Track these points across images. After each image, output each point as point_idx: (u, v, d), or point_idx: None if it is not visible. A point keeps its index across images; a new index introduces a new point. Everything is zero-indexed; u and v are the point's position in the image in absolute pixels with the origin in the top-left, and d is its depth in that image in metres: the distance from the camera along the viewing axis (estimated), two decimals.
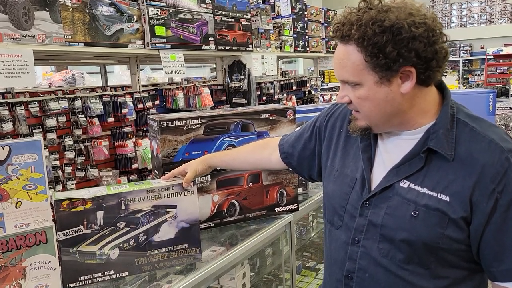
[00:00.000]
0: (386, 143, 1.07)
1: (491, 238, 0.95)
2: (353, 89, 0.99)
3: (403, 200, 0.99)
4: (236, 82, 4.05)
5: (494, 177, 0.92)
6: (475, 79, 13.78)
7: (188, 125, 1.72)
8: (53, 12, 2.35)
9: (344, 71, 0.98)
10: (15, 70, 2.19)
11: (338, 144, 1.19)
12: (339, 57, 0.99)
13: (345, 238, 1.08)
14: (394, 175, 1.01)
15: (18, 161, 1.19)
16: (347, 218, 1.09)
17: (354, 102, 1.01)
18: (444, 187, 0.95)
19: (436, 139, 0.97)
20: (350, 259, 1.07)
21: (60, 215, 1.32)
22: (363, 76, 0.96)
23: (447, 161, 0.96)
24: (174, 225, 1.49)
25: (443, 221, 0.95)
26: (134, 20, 2.84)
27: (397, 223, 0.99)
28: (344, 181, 1.11)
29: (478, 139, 0.96)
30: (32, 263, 1.24)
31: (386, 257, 1.01)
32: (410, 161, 1.00)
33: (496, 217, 0.93)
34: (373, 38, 0.92)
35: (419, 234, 0.97)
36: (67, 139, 2.82)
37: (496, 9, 14.02)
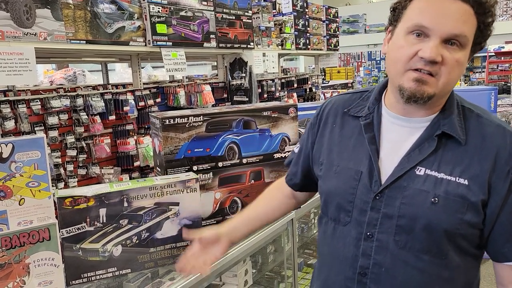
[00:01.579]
0: (391, 133, 1.05)
1: (505, 219, 0.97)
2: (452, 50, 0.93)
3: (421, 188, 0.98)
4: (238, 80, 4.05)
5: (508, 159, 0.95)
6: (476, 76, 13.76)
7: (190, 123, 1.72)
8: (55, 10, 2.35)
9: (465, 26, 0.92)
10: (17, 68, 2.19)
11: (332, 139, 1.15)
12: (460, 11, 0.92)
13: (355, 234, 1.05)
14: (406, 162, 1.00)
15: (21, 158, 1.20)
16: (356, 213, 1.05)
17: (448, 64, 0.93)
18: (462, 171, 0.96)
19: (449, 124, 0.99)
20: (364, 255, 1.03)
21: (63, 213, 1.33)
22: (471, 39, 0.95)
23: (459, 145, 0.98)
24: (176, 222, 1.49)
25: (463, 206, 0.95)
26: (135, 17, 2.84)
27: (416, 211, 0.97)
28: (348, 175, 1.07)
29: (486, 124, 0.99)
30: (35, 260, 1.24)
31: (404, 249, 0.99)
32: (420, 146, 1.00)
33: (511, 198, 0.96)
34: (491, 11, 0.95)
35: (440, 220, 0.96)
36: (68, 137, 2.82)
37: (497, 6, 13.98)
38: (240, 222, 1.33)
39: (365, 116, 1.10)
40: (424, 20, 0.93)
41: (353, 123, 1.12)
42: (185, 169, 1.72)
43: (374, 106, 1.10)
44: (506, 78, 10.01)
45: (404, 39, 0.96)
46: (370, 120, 1.08)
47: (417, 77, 0.94)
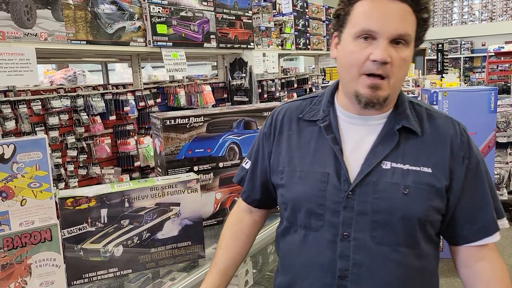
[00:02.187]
0: (350, 133, 1.07)
1: (465, 202, 1.04)
2: (399, 49, 0.97)
3: (391, 181, 1.00)
4: (238, 80, 4.05)
5: (460, 146, 1.04)
6: (476, 76, 13.76)
7: (191, 123, 1.73)
8: (55, 10, 2.35)
9: (408, 25, 0.97)
10: (18, 68, 2.19)
11: (291, 146, 1.12)
12: (401, 12, 0.96)
13: (330, 236, 1.03)
14: (372, 158, 1.03)
15: (23, 159, 1.20)
16: (329, 215, 1.03)
17: (396, 63, 0.96)
18: (424, 160, 1.02)
19: (406, 118, 1.04)
20: (342, 256, 1.01)
21: (64, 213, 1.33)
22: (413, 37, 1.00)
23: (417, 137, 1.04)
24: (177, 223, 1.50)
25: (431, 192, 1.01)
26: (135, 18, 2.84)
27: (390, 204, 1.00)
28: (314, 179, 1.05)
29: (435, 117, 1.07)
30: (37, 261, 1.24)
31: (381, 244, 1.00)
32: (382, 142, 1.03)
33: (468, 181, 1.04)
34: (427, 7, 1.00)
35: (413, 210, 1.00)
36: (69, 137, 2.82)
37: (497, 6, 13.98)
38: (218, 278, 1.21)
39: (322, 119, 1.10)
40: (370, 25, 0.96)
41: (310, 128, 1.12)
42: (186, 170, 1.72)
43: (328, 108, 1.11)
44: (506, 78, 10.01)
45: (353, 44, 0.98)
46: (328, 122, 1.09)
47: (371, 84, 0.98)
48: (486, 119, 3.55)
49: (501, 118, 4.60)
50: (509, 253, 3.84)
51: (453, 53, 14.33)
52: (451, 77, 7.21)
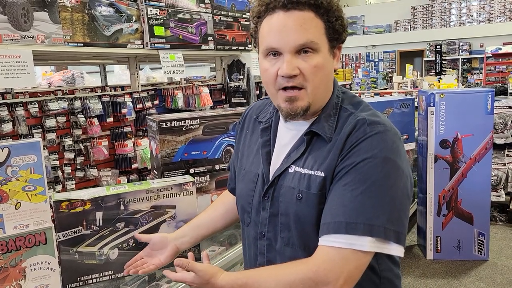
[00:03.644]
0: (283, 137, 1.10)
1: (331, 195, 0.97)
2: (307, 58, 0.96)
3: (290, 185, 1.02)
4: (236, 82, 4.06)
5: (348, 144, 0.97)
6: (474, 77, 13.78)
7: (187, 126, 1.73)
8: (52, 12, 2.35)
9: (308, 33, 0.95)
10: (15, 70, 2.19)
11: (245, 144, 1.21)
12: (299, 22, 0.95)
13: (254, 233, 1.11)
14: (285, 162, 1.05)
15: (18, 162, 1.20)
16: (254, 213, 1.11)
17: (307, 72, 0.96)
18: (320, 164, 0.99)
19: (317, 123, 1.03)
20: (260, 253, 1.09)
21: (59, 216, 1.33)
22: (322, 41, 0.98)
23: (326, 143, 1.01)
24: (173, 225, 1.49)
25: (322, 197, 0.98)
26: (133, 20, 2.85)
27: (288, 208, 1.02)
28: (249, 178, 1.13)
29: (351, 120, 1.01)
30: (31, 264, 1.24)
31: (288, 246, 1.04)
32: (298, 147, 1.04)
33: (334, 180, 0.96)
34: (331, 7, 0.98)
35: (306, 215, 1.00)
36: (66, 139, 2.82)
37: (495, 7, 14.01)
38: (187, 229, 1.32)
39: (265, 121, 1.15)
40: (272, 42, 0.97)
41: (258, 129, 1.17)
42: (182, 172, 1.72)
43: (274, 111, 1.15)
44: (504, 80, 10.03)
45: (265, 62, 1.01)
46: (268, 124, 1.14)
47: (287, 97, 0.99)
48: (483, 120, 3.55)
49: (498, 119, 4.60)
50: (506, 255, 3.85)
51: (451, 54, 14.36)
52: (449, 79, 7.22)
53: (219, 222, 1.36)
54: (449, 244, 3.74)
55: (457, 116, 3.56)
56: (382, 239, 0.90)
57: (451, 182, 3.64)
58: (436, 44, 13.24)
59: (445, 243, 3.75)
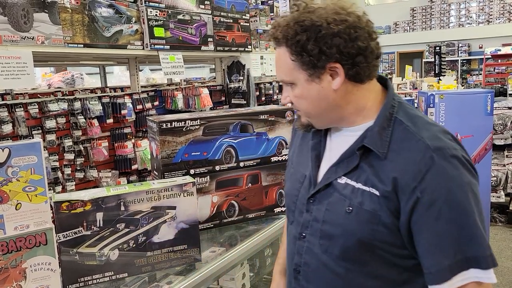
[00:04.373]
0: (333, 141, 1.10)
1: (415, 239, 0.95)
2: (291, 89, 1.04)
3: (340, 196, 1.02)
4: (235, 83, 4.06)
5: (416, 175, 0.92)
6: (473, 79, 13.79)
7: (187, 126, 1.73)
8: (52, 13, 2.35)
9: (280, 71, 1.04)
10: (15, 71, 2.19)
11: (297, 143, 1.23)
12: (276, 59, 1.05)
13: (295, 232, 1.12)
14: (333, 172, 1.05)
15: (18, 163, 1.20)
16: (297, 213, 1.12)
17: (293, 101, 1.06)
18: (375, 182, 0.97)
19: (370, 137, 1.00)
20: (298, 253, 1.10)
21: (59, 217, 1.33)
22: (295, 75, 1.01)
23: (380, 159, 0.98)
24: (173, 226, 1.50)
25: (375, 217, 0.96)
26: (133, 21, 2.85)
27: (334, 218, 1.02)
28: (296, 178, 1.15)
29: (409, 138, 0.97)
30: (32, 265, 1.24)
31: (325, 253, 1.03)
32: (348, 158, 1.03)
33: (417, 217, 0.93)
34: (295, 37, 0.97)
35: (353, 230, 0.99)
36: (66, 140, 2.82)
37: (494, 9, 14.03)
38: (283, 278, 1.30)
39: None
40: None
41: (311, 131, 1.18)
42: (182, 173, 1.72)
43: None
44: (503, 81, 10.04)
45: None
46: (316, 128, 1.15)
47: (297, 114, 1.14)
48: (483, 121, 3.55)
49: (498, 120, 4.61)
50: (506, 256, 3.85)
51: (451, 55, 14.37)
52: (448, 80, 7.23)
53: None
54: None
55: (456, 117, 3.56)
56: (492, 267, 0.91)
57: None
58: (435, 46, 13.26)
59: None
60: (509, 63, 11.21)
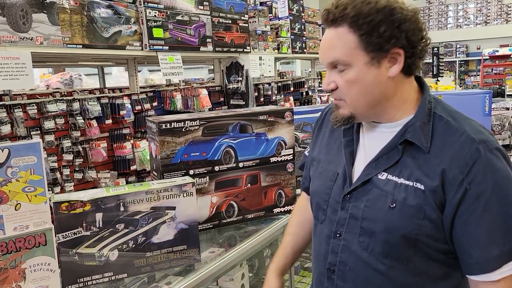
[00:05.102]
0: (367, 138, 1.09)
1: (460, 231, 0.96)
2: (341, 73, 1.00)
3: (382, 192, 1.01)
4: (234, 84, 4.06)
5: (463, 167, 0.94)
6: (471, 79, 13.83)
7: (187, 127, 1.73)
8: (51, 14, 2.35)
9: (335, 51, 0.99)
10: (13, 72, 2.18)
11: (323, 141, 1.22)
12: (328, 40, 1.00)
13: (327, 231, 1.10)
14: (373, 168, 1.04)
15: (18, 163, 1.20)
16: (329, 212, 1.10)
17: (341, 87, 1.01)
18: (420, 176, 0.97)
19: (413, 132, 1.00)
20: (332, 252, 1.08)
21: (59, 217, 1.33)
22: (355, 56, 0.98)
23: (423, 153, 0.98)
24: (173, 227, 1.50)
25: (420, 211, 0.97)
26: (131, 22, 2.85)
27: (376, 215, 1.01)
28: (327, 176, 1.13)
29: (451, 132, 0.98)
30: (31, 265, 1.24)
31: (366, 250, 1.02)
32: (388, 154, 1.02)
33: (464, 209, 0.94)
34: (369, 16, 0.95)
35: (397, 225, 0.98)
36: (65, 141, 2.81)
37: (492, 10, 14.08)
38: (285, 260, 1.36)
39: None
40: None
41: (340, 128, 1.16)
42: (182, 173, 1.72)
43: None
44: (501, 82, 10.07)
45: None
46: (350, 125, 1.13)
47: (334, 105, 1.07)
48: (481, 122, 3.52)
49: (496, 121, 4.61)
50: None
51: (449, 56, 14.40)
52: (446, 81, 7.24)
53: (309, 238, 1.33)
54: None
55: None
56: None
57: None
58: (433, 46, 13.27)
59: None
60: (506, 64, 11.25)
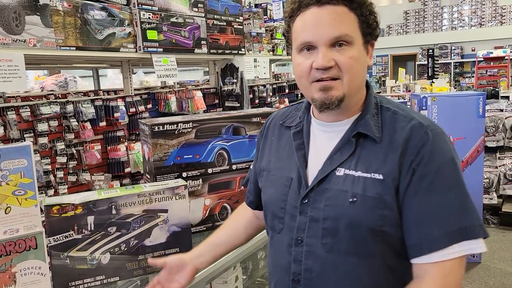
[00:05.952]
0: (319, 139, 1.09)
1: (406, 213, 0.97)
2: (343, 50, 0.97)
3: (340, 189, 1.00)
4: (229, 86, 4.06)
5: (413, 150, 0.96)
6: (466, 81, 13.90)
7: (179, 129, 1.73)
8: (44, 16, 2.34)
9: (343, 26, 0.97)
10: (6, 75, 2.17)
11: (271, 150, 1.19)
12: (333, 15, 0.97)
13: (287, 240, 1.06)
14: (328, 165, 1.03)
15: (8, 166, 1.19)
16: (288, 219, 1.07)
17: (343, 64, 0.97)
18: (377, 167, 0.98)
19: (364, 124, 1.02)
20: (295, 261, 1.04)
21: (50, 221, 1.32)
22: (357, 34, 0.99)
23: (375, 143, 1.00)
24: (165, 229, 1.49)
25: (381, 201, 0.96)
26: (126, 24, 2.84)
27: (337, 212, 0.99)
28: (280, 183, 1.10)
29: (400, 120, 1.02)
30: (22, 269, 1.23)
31: (331, 252, 0.99)
32: (341, 149, 1.03)
33: (410, 190, 0.96)
34: (363, 3, 0.99)
35: (361, 219, 0.97)
36: (58, 144, 2.80)
37: (487, 12, 14.16)
38: (205, 248, 1.29)
39: (296, 125, 1.14)
40: (306, 36, 0.99)
41: (287, 134, 1.16)
42: (175, 176, 1.72)
43: (304, 115, 1.15)
44: (495, 83, 10.13)
45: (299, 57, 1.02)
46: (300, 128, 1.13)
47: (322, 86, 0.99)
48: (475, 124, 3.58)
49: (490, 122, 4.64)
50: (499, 257, 3.87)
51: (444, 58, 14.48)
52: (441, 82, 7.28)
53: (241, 237, 1.34)
54: None
55: (449, 119, 3.59)
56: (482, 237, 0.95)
57: None
58: (428, 48, 13.35)
59: None
60: (501, 65, 11.31)
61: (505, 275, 3.56)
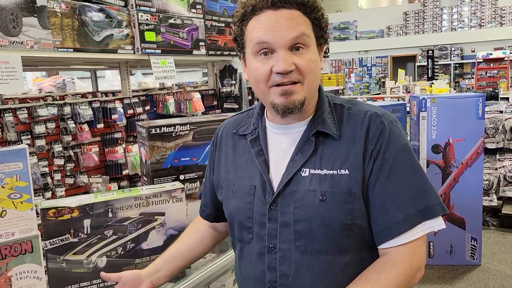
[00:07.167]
0: (276, 144, 1.08)
1: (370, 201, 0.99)
2: (301, 54, 0.97)
3: (307, 189, 0.99)
4: (228, 87, 4.05)
5: (372, 139, 0.99)
6: (465, 82, 13.91)
7: (177, 131, 1.72)
8: (42, 18, 2.34)
9: (301, 27, 0.97)
10: (3, 77, 2.17)
11: (227, 161, 1.16)
12: (289, 17, 0.96)
13: (259, 249, 1.05)
14: (292, 167, 1.02)
15: (3, 169, 1.18)
16: (256, 228, 1.05)
17: (303, 67, 0.96)
18: (341, 162, 0.99)
19: (321, 123, 1.03)
20: (270, 268, 1.03)
21: (46, 224, 1.31)
22: (312, 37, 1.00)
23: (335, 140, 1.01)
24: (162, 233, 1.48)
25: (350, 195, 0.97)
26: (123, 25, 2.83)
27: (309, 212, 0.99)
28: (244, 192, 1.08)
29: (355, 115, 1.04)
30: (18, 273, 1.22)
31: (305, 253, 0.99)
32: (302, 149, 1.02)
33: (372, 178, 0.98)
34: (314, 8, 0.99)
35: (332, 216, 0.97)
36: (56, 146, 2.80)
37: (486, 13, 14.18)
38: (162, 262, 1.25)
39: (251, 132, 1.12)
40: (264, 38, 0.97)
41: (243, 142, 1.14)
42: (172, 179, 1.71)
43: (257, 121, 1.13)
44: (495, 85, 10.13)
45: (255, 61, 1.00)
46: (256, 135, 1.11)
47: (282, 91, 0.98)
48: (475, 125, 3.57)
49: (489, 124, 4.63)
50: (499, 259, 3.86)
51: (443, 59, 14.49)
52: (441, 84, 7.27)
53: (197, 250, 1.31)
54: (441, 249, 3.75)
55: (448, 121, 3.58)
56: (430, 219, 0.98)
57: (443, 187, 3.65)
58: (428, 49, 13.36)
59: (438, 248, 3.75)
60: (500, 67, 11.32)
61: (505, 277, 3.54)
